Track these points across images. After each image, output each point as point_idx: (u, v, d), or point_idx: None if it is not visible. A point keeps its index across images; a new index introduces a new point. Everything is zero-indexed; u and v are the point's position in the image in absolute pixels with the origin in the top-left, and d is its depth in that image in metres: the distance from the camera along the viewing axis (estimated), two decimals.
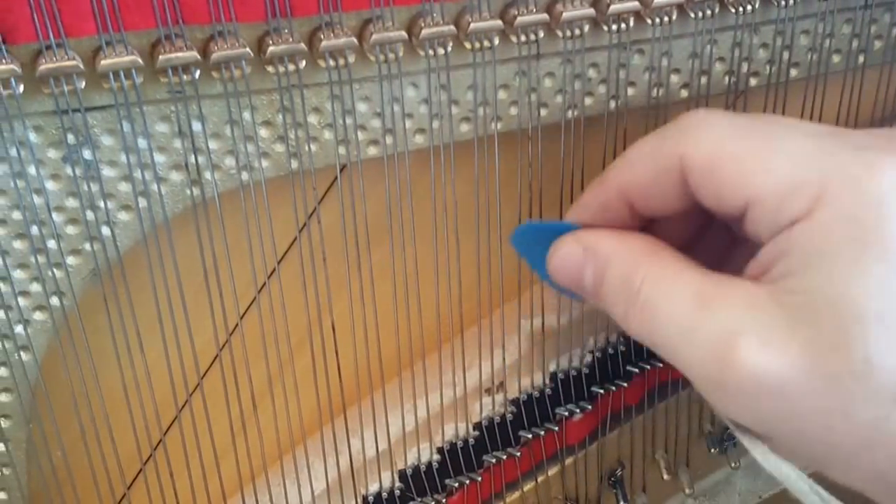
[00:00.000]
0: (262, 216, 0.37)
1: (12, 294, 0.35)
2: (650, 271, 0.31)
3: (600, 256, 0.33)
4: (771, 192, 0.29)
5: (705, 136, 0.31)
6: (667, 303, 0.31)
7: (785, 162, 0.29)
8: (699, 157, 0.30)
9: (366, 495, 0.45)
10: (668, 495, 0.51)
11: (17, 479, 0.39)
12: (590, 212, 0.34)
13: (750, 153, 0.30)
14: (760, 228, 0.30)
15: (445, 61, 0.36)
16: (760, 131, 0.30)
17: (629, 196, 0.33)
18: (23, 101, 0.32)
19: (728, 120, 0.31)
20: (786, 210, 0.28)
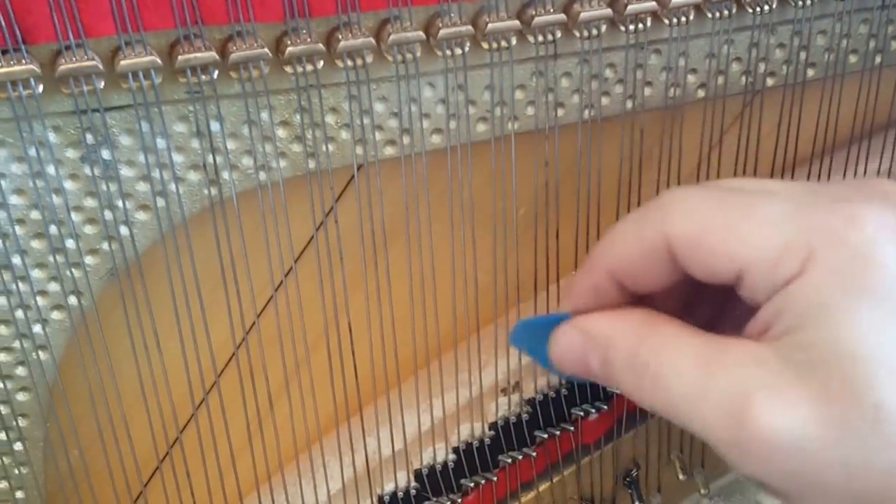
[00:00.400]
0: (279, 216, 0.37)
1: (31, 293, 0.35)
2: (653, 344, 0.32)
3: (601, 340, 0.33)
4: (761, 259, 0.29)
5: (688, 213, 0.31)
6: (674, 372, 0.31)
7: (770, 228, 0.29)
8: (685, 235, 0.31)
9: (381, 495, 0.45)
10: (684, 495, 0.51)
11: (34, 478, 0.39)
12: (582, 297, 0.35)
13: (733, 224, 0.30)
14: (756, 293, 0.30)
15: (463, 61, 0.36)
16: (739, 201, 0.31)
17: (618, 277, 0.33)
18: (42, 102, 0.32)
19: (705, 193, 0.32)
20: (779, 273, 0.29)
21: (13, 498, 0.39)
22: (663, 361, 0.31)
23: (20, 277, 0.35)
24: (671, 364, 0.31)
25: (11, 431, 0.38)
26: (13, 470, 0.38)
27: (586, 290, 0.34)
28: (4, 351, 0.36)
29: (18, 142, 0.33)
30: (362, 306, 0.40)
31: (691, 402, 0.30)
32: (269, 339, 0.39)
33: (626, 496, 0.50)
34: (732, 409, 0.29)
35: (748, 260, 0.30)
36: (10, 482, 0.39)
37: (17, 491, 0.39)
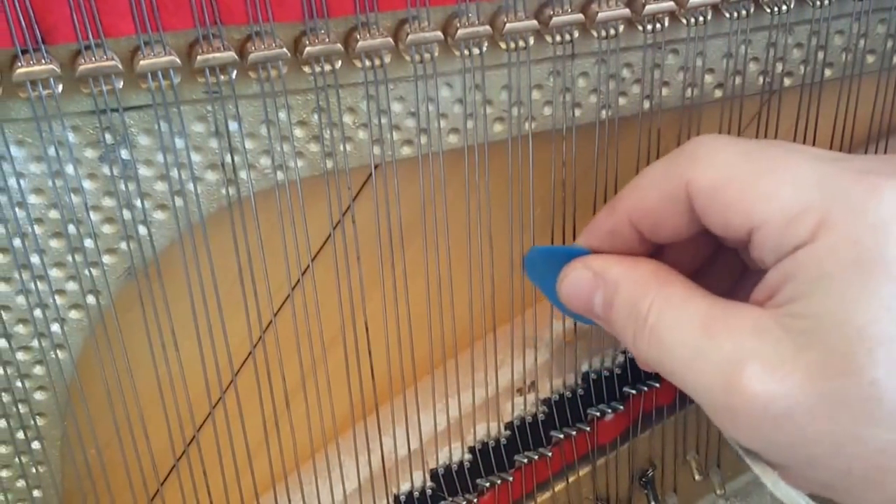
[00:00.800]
0: (296, 215, 0.37)
1: (49, 292, 0.35)
2: (658, 298, 0.32)
3: (609, 282, 0.33)
4: (775, 218, 0.29)
5: (711, 162, 0.31)
6: (674, 329, 0.31)
7: (789, 187, 0.29)
8: (705, 183, 0.31)
9: (397, 494, 0.45)
10: (700, 496, 0.51)
11: (51, 477, 0.39)
12: (599, 237, 0.35)
13: (754, 179, 0.30)
14: (765, 253, 0.30)
15: (480, 61, 0.36)
16: (765, 156, 0.30)
17: (638, 222, 0.33)
18: (61, 101, 0.32)
19: (733, 145, 0.31)
20: (790, 235, 0.29)
21: (30, 497, 0.39)
22: (664, 317, 0.31)
23: (38, 276, 0.35)
24: (672, 321, 0.31)
25: (29, 430, 0.38)
26: (31, 469, 0.38)
27: (605, 231, 0.34)
28: (23, 350, 0.36)
29: (38, 141, 0.33)
30: (379, 305, 0.40)
31: (686, 362, 0.30)
32: (285, 338, 0.39)
33: (642, 496, 0.50)
34: (727, 375, 0.29)
35: (761, 217, 0.29)
36: (28, 481, 0.39)
37: (35, 490, 0.39)
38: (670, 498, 0.51)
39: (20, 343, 0.36)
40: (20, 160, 0.33)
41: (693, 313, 0.31)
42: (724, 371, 0.29)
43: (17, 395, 0.37)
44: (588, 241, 0.35)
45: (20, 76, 0.30)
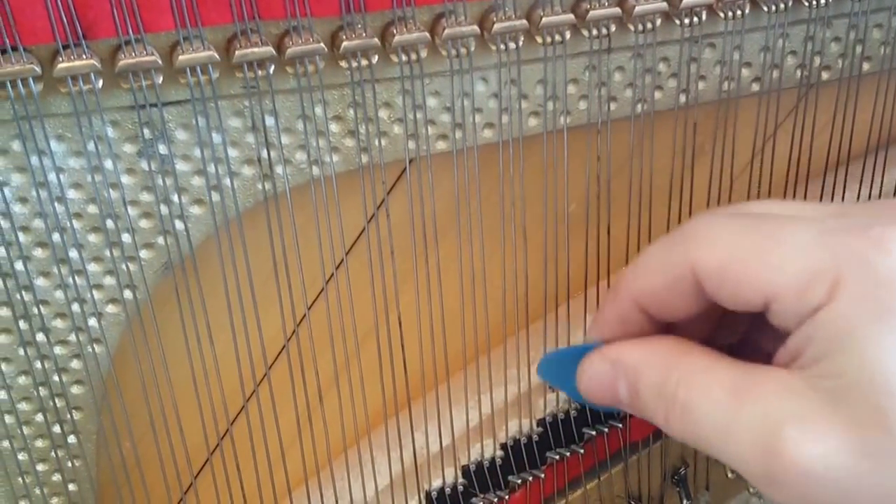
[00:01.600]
0: (331, 210, 0.37)
1: (87, 287, 0.36)
2: (682, 373, 0.31)
3: (630, 368, 0.33)
4: (789, 287, 0.29)
5: (714, 241, 0.31)
6: (704, 402, 0.30)
7: (795, 255, 0.29)
8: (712, 264, 0.30)
9: (429, 491, 0.45)
10: (732, 494, 0.51)
11: (87, 471, 0.39)
12: (609, 326, 0.34)
13: (760, 253, 0.30)
14: (785, 320, 0.30)
15: (516, 56, 0.36)
16: (766, 227, 0.30)
17: (645, 306, 0.33)
18: (101, 96, 0.32)
19: (733, 222, 0.31)
20: (807, 301, 0.28)
21: (66, 491, 0.39)
22: (692, 391, 0.31)
23: (77, 271, 0.35)
24: (700, 394, 0.30)
25: (66, 424, 0.38)
26: (66, 463, 0.39)
27: (613, 319, 0.34)
28: (60, 344, 0.36)
29: (77, 136, 0.33)
30: (412, 300, 0.40)
31: (722, 433, 0.30)
32: (319, 332, 0.39)
33: (674, 494, 0.50)
34: (763, 441, 0.28)
35: (776, 288, 0.29)
36: (64, 475, 0.39)
37: (70, 484, 0.39)
38: (702, 496, 0.50)
39: (58, 337, 0.36)
40: (60, 155, 0.33)
41: (720, 382, 0.30)
42: (761, 436, 0.29)
43: (55, 389, 0.37)
44: (598, 332, 0.35)
45: (61, 71, 0.31)
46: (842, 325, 0.28)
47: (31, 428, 0.37)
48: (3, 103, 0.32)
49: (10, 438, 0.37)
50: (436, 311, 0.40)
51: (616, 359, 0.33)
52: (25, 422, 0.37)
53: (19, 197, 0.33)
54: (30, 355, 0.36)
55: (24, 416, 0.37)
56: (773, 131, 0.42)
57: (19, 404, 0.37)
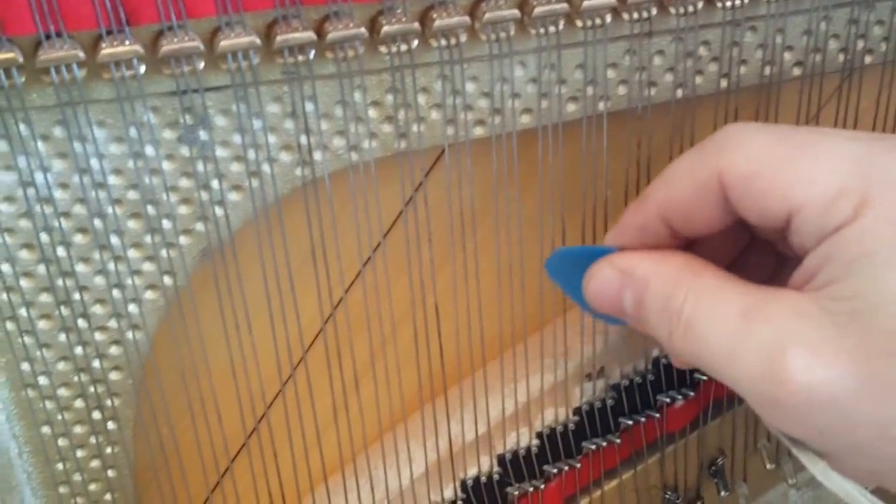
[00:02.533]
0: (369, 196, 0.37)
1: (127, 273, 0.36)
2: (691, 289, 0.31)
3: (638, 279, 0.32)
4: (814, 200, 0.28)
5: (743, 149, 0.30)
6: (711, 321, 0.30)
7: (826, 169, 0.28)
8: (739, 171, 0.30)
9: (464, 479, 0.44)
10: (770, 485, 0.50)
11: (125, 457, 0.39)
12: (628, 234, 0.34)
13: (790, 163, 0.29)
14: (804, 237, 0.29)
15: (556, 40, 0.36)
16: (798, 140, 0.30)
17: (668, 216, 0.32)
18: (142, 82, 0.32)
19: (765, 131, 0.30)
20: (830, 217, 0.28)
21: (104, 477, 0.39)
22: (700, 309, 0.30)
23: (117, 257, 0.35)
24: (708, 312, 0.30)
25: (105, 410, 0.38)
26: (105, 449, 0.39)
27: (634, 227, 0.33)
28: (100, 330, 0.37)
29: (119, 122, 0.33)
30: (448, 287, 0.39)
31: (726, 353, 0.29)
32: (355, 318, 0.39)
33: (711, 485, 0.49)
34: (768, 363, 0.28)
35: (800, 200, 0.28)
36: (102, 461, 0.39)
37: (109, 470, 0.40)
38: (740, 487, 0.50)
39: (97, 323, 0.36)
40: (101, 141, 0.33)
41: (729, 302, 0.30)
42: (766, 359, 0.28)
43: (94, 374, 0.37)
44: (616, 238, 0.34)
45: (105, 57, 0.31)
46: (863, 245, 0.27)
47: (70, 414, 0.38)
48: (46, 89, 0.32)
49: (50, 424, 0.38)
50: (472, 298, 0.40)
51: (626, 267, 0.33)
52: (65, 408, 0.37)
53: (61, 183, 0.34)
54: (70, 341, 0.36)
55: (63, 402, 0.37)
56: (815, 115, 0.42)
57: (59, 390, 0.37)
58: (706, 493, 0.50)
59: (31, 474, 0.39)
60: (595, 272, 0.34)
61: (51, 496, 0.39)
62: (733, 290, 0.30)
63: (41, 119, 0.32)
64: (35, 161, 0.33)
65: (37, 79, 0.31)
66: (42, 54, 0.30)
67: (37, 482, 0.39)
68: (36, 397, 0.37)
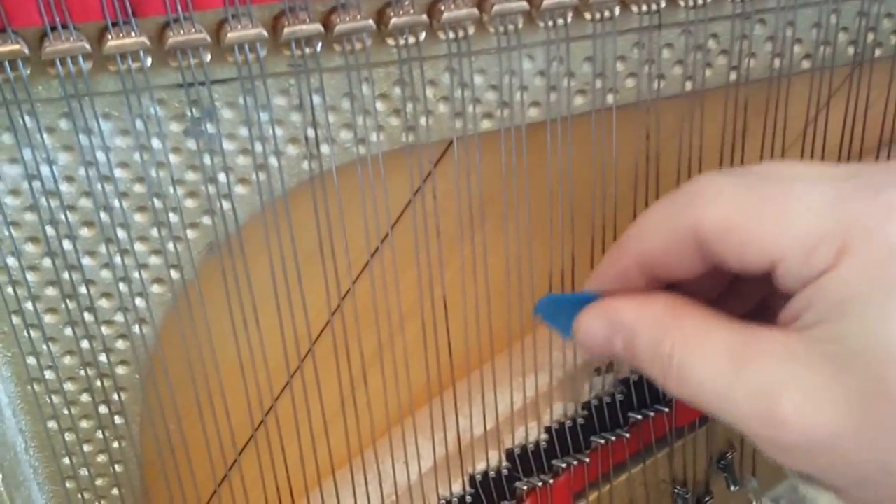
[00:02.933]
0: (376, 189, 0.37)
1: (133, 266, 0.36)
2: (678, 335, 0.31)
3: (626, 326, 0.32)
4: (794, 250, 0.28)
5: (717, 201, 0.30)
6: (700, 366, 0.30)
7: (804, 217, 0.28)
8: (715, 224, 0.30)
9: (472, 474, 0.44)
10: (779, 479, 0.50)
11: (132, 451, 0.39)
12: (609, 280, 0.34)
13: (767, 213, 0.29)
14: (789, 283, 0.29)
15: (565, 32, 0.36)
16: (770, 190, 0.29)
17: (646, 265, 0.32)
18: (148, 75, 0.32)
19: (737, 180, 0.30)
20: (811, 264, 0.28)
21: (112, 472, 0.39)
22: (688, 354, 0.30)
23: (123, 251, 0.35)
24: (696, 357, 0.30)
25: (111, 405, 0.38)
26: (112, 443, 0.39)
27: (613, 275, 0.33)
28: (106, 324, 0.37)
29: (124, 115, 0.33)
30: (456, 280, 0.39)
31: (721, 398, 0.29)
32: (362, 311, 0.39)
33: (721, 479, 0.49)
34: (763, 407, 0.28)
35: (781, 251, 0.29)
36: (109, 456, 0.39)
37: (116, 464, 0.39)
38: (749, 481, 0.50)
39: (104, 317, 0.36)
40: (107, 134, 0.33)
41: (717, 346, 0.30)
42: (760, 403, 0.28)
43: (101, 369, 0.37)
44: (599, 284, 0.34)
45: (111, 49, 0.31)
46: (845, 289, 0.27)
47: (76, 408, 0.38)
48: (52, 81, 0.32)
49: (57, 419, 0.38)
50: (480, 291, 0.40)
51: (611, 315, 0.33)
52: (71, 402, 0.37)
53: (66, 176, 0.33)
54: (76, 335, 0.36)
55: (69, 397, 0.37)
56: (824, 108, 0.42)
57: (65, 384, 0.37)
58: (715, 488, 0.50)
59: (38, 469, 0.39)
60: (583, 322, 0.34)
61: (57, 491, 0.39)
62: (720, 332, 0.30)
63: (47, 111, 0.32)
64: (41, 154, 0.33)
65: (42, 71, 0.31)
66: (48, 46, 0.30)
67: (43, 477, 0.39)
68: (42, 392, 0.37)
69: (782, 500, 0.51)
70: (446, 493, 0.44)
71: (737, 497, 0.50)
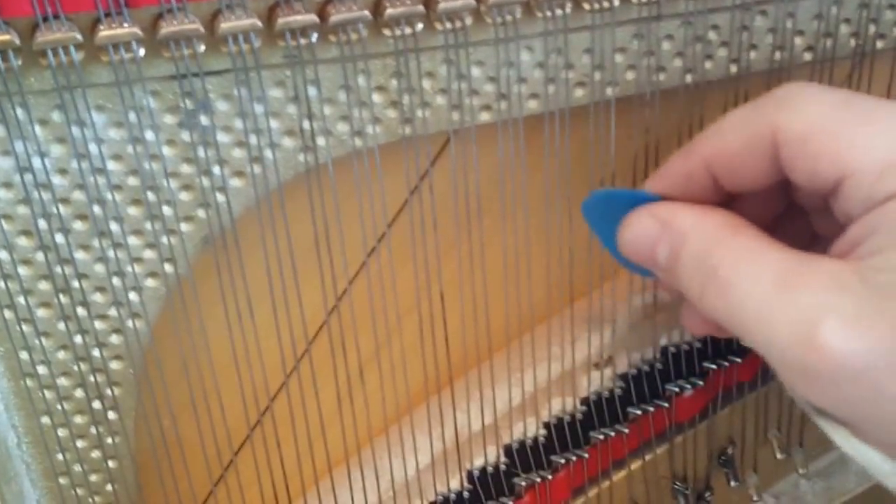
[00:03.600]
0: (373, 183, 0.36)
1: (127, 260, 0.35)
2: (730, 249, 0.30)
3: (677, 232, 0.32)
4: (867, 167, 0.28)
5: (802, 109, 0.30)
6: (747, 283, 0.29)
7: (883, 138, 0.28)
8: (795, 129, 0.30)
9: (470, 470, 0.44)
10: (781, 475, 0.50)
11: (127, 447, 0.39)
12: (671, 182, 0.33)
13: (848, 127, 0.29)
14: (852, 205, 0.29)
15: (563, 23, 0.35)
16: (857, 106, 0.29)
17: (715, 167, 0.32)
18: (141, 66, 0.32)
19: (825, 93, 0.30)
20: (881, 186, 0.28)
21: (106, 468, 0.39)
22: (737, 270, 0.30)
23: (117, 244, 0.35)
24: (745, 274, 0.30)
25: (105, 400, 0.38)
26: (106, 439, 0.38)
27: (678, 175, 0.33)
28: (100, 318, 0.36)
29: (118, 107, 0.33)
30: (454, 275, 0.39)
31: (760, 317, 0.29)
32: (360, 307, 0.39)
33: (721, 475, 0.49)
34: (802, 331, 0.28)
35: (853, 166, 0.28)
36: (103, 451, 0.39)
37: (110, 460, 0.39)
38: (750, 477, 0.49)
39: (97, 311, 0.36)
40: (100, 126, 0.33)
41: (768, 266, 0.29)
42: (801, 326, 0.28)
43: (94, 364, 0.37)
44: (658, 185, 0.34)
45: (103, 39, 0.30)
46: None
47: (70, 403, 0.37)
48: (44, 72, 0.31)
49: (50, 414, 0.37)
50: (478, 287, 0.39)
51: (666, 218, 0.32)
52: (65, 397, 0.37)
53: (59, 168, 0.33)
54: (69, 329, 0.36)
55: (63, 392, 0.37)
56: None
57: (59, 379, 0.37)
58: (716, 484, 0.49)
59: (31, 465, 0.38)
60: (633, 220, 0.33)
61: (51, 487, 0.39)
62: (772, 253, 0.30)
63: (39, 103, 0.32)
64: (33, 146, 0.32)
65: (34, 62, 0.31)
66: (39, 37, 0.30)
67: (36, 473, 0.38)
68: (35, 387, 0.36)
69: (783, 497, 0.51)
70: (444, 489, 0.44)
71: (737, 493, 0.50)
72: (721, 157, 0.32)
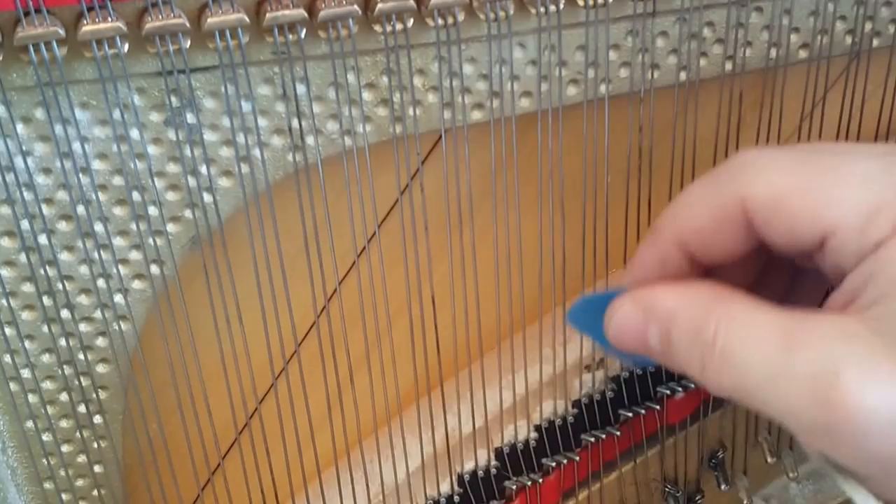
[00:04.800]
0: (363, 182, 0.36)
1: (113, 262, 0.35)
2: (723, 318, 0.29)
3: (663, 314, 0.31)
4: (849, 221, 0.27)
5: (764, 175, 0.29)
6: (748, 348, 0.28)
7: (858, 188, 0.28)
8: (764, 195, 0.29)
9: (461, 473, 0.44)
10: (771, 478, 0.50)
11: (113, 452, 0.38)
12: (646, 269, 0.33)
13: (819, 184, 0.28)
14: (842, 259, 0.28)
15: (557, 20, 0.35)
16: (820, 162, 0.29)
17: (687, 246, 0.31)
18: (126, 62, 0.31)
19: (782, 154, 0.30)
20: (868, 235, 0.27)
21: (92, 472, 0.38)
22: (735, 337, 0.29)
23: (102, 245, 0.34)
24: (744, 340, 0.28)
25: (91, 404, 0.37)
26: (92, 443, 0.38)
27: (651, 260, 0.32)
28: (85, 321, 0.36)
29: (102, 104, 0.32)
30: (445, 276, 0.38)
31: (768, 381, 0.27)
32: (350, 309, 0.38)
33: (711, 478, 0.48)
34: (818, 388, 0.26)
35: (834, 222, 0.27)
36: (89, 456, 0.38)
37: (96, 465, 0.38)
38: (740, 480, 0.49)
39: (83, 314, 0.35)
40: (84, 123, 0.32)
41: (767, 328, 0.28)
42: (815, 383, 0.26)
43: (80, 367, 0.36)
44: (636, 272, 0.33)
45: (86, 34, 0.30)
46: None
47: (55, 408, 0.37)
48: (27, 68, 0.30)
49: (35, 419, 0.37)
50: (469, 288, 0.39)
51: (648, 303, 0.31)
52: (50, 401, 0.36)
53: (43, 167, 0.32)
54: (54, 332, 0.35)
55: (48, 396, 0.36)
56: (821, 99, 0.41)
57: (43, 383, 0.36)
58: (706, 486, 0.49)
59: (16, 470, 0.38)
60: (616, 310, 0.32)
61: (36, 492, 0.38)
62: (768, 315, 0.29)
63: (21, 100, 0.31)
64: (15, 145, 0.32)
65: (16, 58, 0.30)
66: (20, 32, 0.29)
67: (22, 478, 0.38)
68: (19, 390, 0.36)
69: (773, 500, 0.51)
70: (434, 492, 0.43)
71: (728, 496, 0.49)
72: (691, 235, 0.31)
